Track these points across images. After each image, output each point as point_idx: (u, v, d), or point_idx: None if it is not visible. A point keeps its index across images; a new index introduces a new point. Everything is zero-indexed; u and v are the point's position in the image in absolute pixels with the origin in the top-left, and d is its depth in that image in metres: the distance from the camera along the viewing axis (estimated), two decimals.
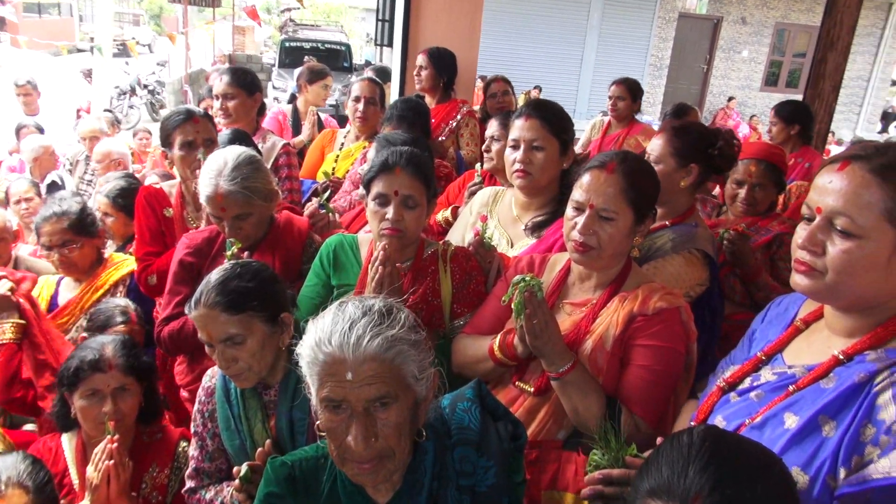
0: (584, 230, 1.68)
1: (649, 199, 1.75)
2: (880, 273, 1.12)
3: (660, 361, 1.64)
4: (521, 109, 2.20)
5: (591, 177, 1.71)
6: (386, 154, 1.94)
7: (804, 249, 1.18)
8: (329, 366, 1.11)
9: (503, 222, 2.31)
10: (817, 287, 1.18)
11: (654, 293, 1.70)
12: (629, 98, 4.48)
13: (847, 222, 1.12)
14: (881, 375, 1.11)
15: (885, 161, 1.12)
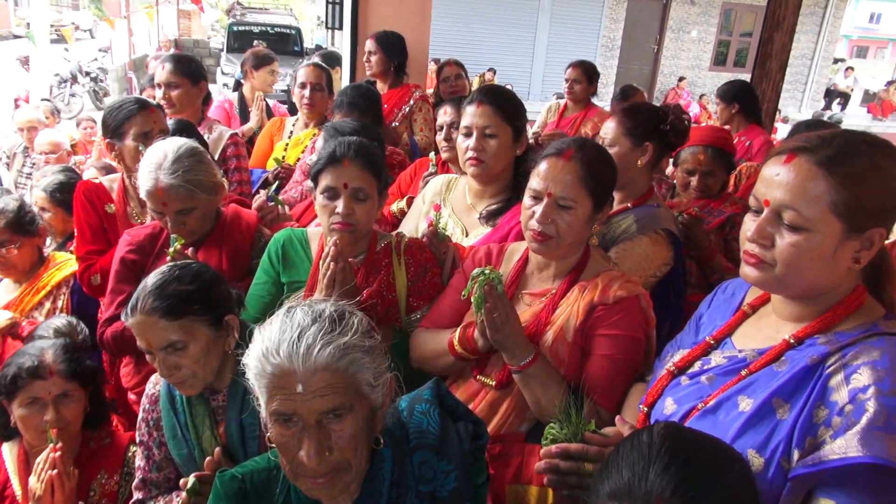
0: (543, 219, 1.64)
1: (607, 187, 1.72)
2: (827, 264, 1.13)
3: (621, 350, 1.62)
4: (473, 95, 2.14)
5: (548, 164, 1.67)
6: (333, 145, 1.87)
7: (753, 242, 1.18)
8: (278, 378, 1.04)
9: (457, 211, 2.26)
10: (767, 279, 1.19)
11: (614, 282, 1.67)
12: (585, 81, 4.45)
13: (794, 216, 1.12)
14: (833, 358, 1.12)
15: (830, 153, 1.12)
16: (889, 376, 1.05)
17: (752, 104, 4.27)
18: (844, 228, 1.12)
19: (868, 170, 1.11)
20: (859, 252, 1.14)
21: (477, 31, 15.41)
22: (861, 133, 1.18)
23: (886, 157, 1.13)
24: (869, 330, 1.14)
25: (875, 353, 1.08)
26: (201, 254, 2.13)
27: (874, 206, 1.11)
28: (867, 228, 1.12)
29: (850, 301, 1.18)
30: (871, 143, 1.14)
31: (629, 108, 2.30)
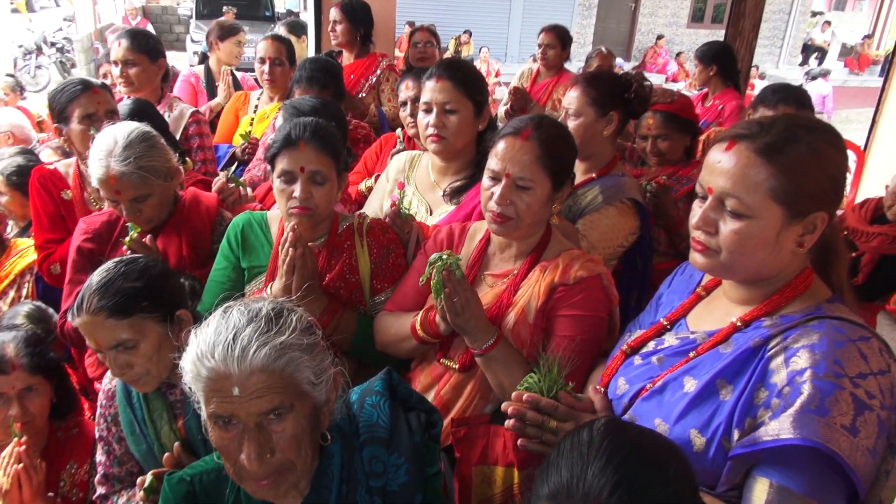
0: (501, 200, 1.61)
1: (566, 166, 1.69)
2: (770, 249, 1.15)
3: (583, 330, 1.62)
4: (431, 70, 2.09)
5: (505, 144, 1.64)
6: (288, 128, 1.81)
7: (699, 230, 1.20)
8: (213, 381, 1.02)
9: (421, 188, 2.22)
10: (713, 265, 1.21)
11: (575, 261, 1.66)
12: (559, 46, 4.37)
13: (736, 203, 1.14)
14: (774, 340, 1.14)
15: (769, 140, 1.12)
16: (825, 360, 1.06)
17: (730, 66, 4.25)
18: (786, 214, 1.13)
19: (807, 156, 1.12)
20: (803, 236, 1.16)
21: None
22: (801, 118, 1.19)
23: (826, 143, 1.14)
24: (812, 313, 1.15)
25: (814, 336, 1.10)
26: (160, 241, 2.08)
27: (814, 191, 1.13)
28: (809, 213, 1.14)
29: (796, 283, 1.20)
30: (810, 129, 1.15)
31: (592, 78, 2.28)
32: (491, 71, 12.72)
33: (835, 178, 1.14)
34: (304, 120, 1.83)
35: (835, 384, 1.04)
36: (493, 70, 12.75)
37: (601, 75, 2.31)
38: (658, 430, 1.22)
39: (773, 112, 2.74)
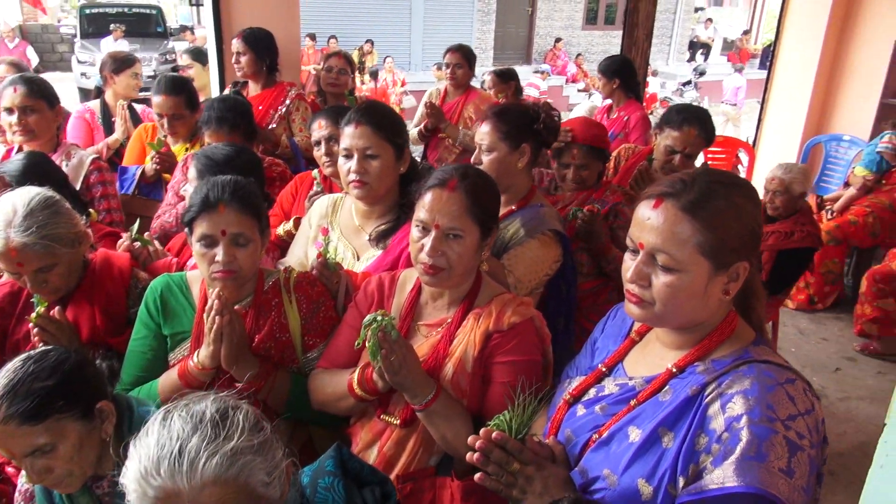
0: (433, 252, 1.62)
1: (493, 213, 1.72)
2: (700, 299, 1.22)
3: (521, 375, 1.63)
4: (350, 116, 2.06)
5: (433, 196, 1.64)
6: (206, 189, 1.74)
7: (633, 283, 1.25)
8: (162, 501, 0.96)
9: (346, 233, 2.19)
10: (648, 316, 1.27)
11: (507, 307, 1.68)
12: (466, 65, 4.43)
13: (666, 258, 1.20)
14: (710, 387, 1.20)
15: (692, 198, 1.19)
16: (758, 405, 1.12)
17: (631, 79, 4.42)
18: (712, 266, 1.20)
19: (726, 210, 1.19)
20: (728, 285, 1.23)
21: (351, 4, 15.02)
22: (718, 174, 1.27)
23: (742, 196, 1.22)
24: (740, 357, 1.22)
25: (746, 381, 1.16)
26: (70, 311, 1.95)
27: (736, 243, 1.20)
28: (732, 264, 1.21)
29: (723, 328, 1.27)
30: (727, 184, 1.22)
31: (501, 112, 2.31)
32: (397, 80, 12.73)
33: (753, 229, 1.22)
34: (221, 179, 1.76)
35: (769, 429, 1.10)
36: (398, 80, 12.75)
37: (510, 109, 2.35)
38: (607, 480, 1.25)
39: (678, 133, 2.87)
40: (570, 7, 17.94)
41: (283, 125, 3.73)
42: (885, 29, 5.49)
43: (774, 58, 6.32)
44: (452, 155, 4.45)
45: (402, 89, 12.63)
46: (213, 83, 4.24)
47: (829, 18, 5.72)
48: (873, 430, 3.59)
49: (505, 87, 4.82)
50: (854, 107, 5.82)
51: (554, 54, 16.92)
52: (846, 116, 5.91)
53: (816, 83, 5.92)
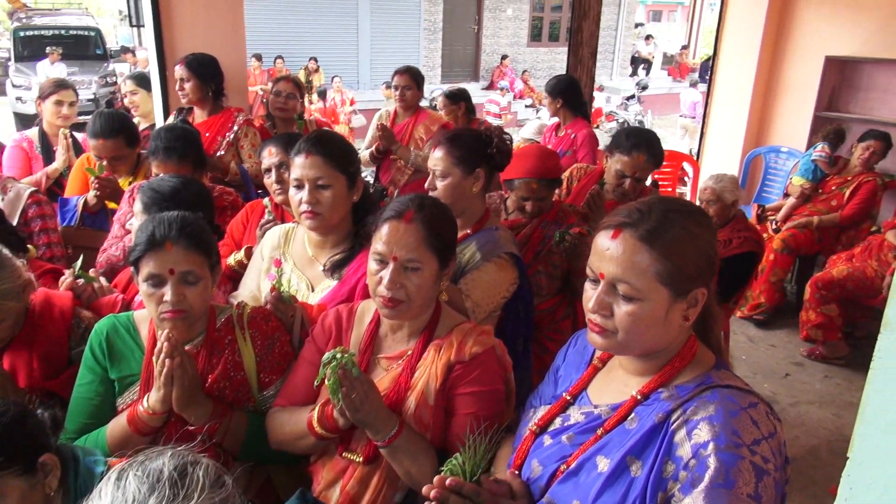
0: (392, 285, 1.60)
1: (450, 243, 1.71)
2: (661, 327, 1.24)
3: (483, 406, 1.62)
4: (300, 146, 2.02)
5: (389, 228, 1.63)
6: (152, 227, 1.67)
7: (595, 313, 1.26)
8: None
9: (299, 264, 2.14)
10: (611, 345, 1.28)
11: (468, 337, 1.67)
12: (415, 86, 4.43)
13: (627, 288, 1.21)
14: (676, 414, 1.21)
15: (650, 227, 1.21)
16: (724, 431, 1.13)
17: (575, 98, 4.50)
18: (671, 294, 1.21)
19: (683, 238, 1.21)
20: (687, 311, 1.25)
21: (297, 24, 14.95)
22: (673, 202, 1.29)
23: (697, 224, 1.24)
24: (703, 383, 1.24)
25: (710, 407, 1.18)
26: (6, 359, 1.85)
27: (692, 270, 1.22)
28: (691, 290, 1.23)
29: (684, 353, 1.29)
30: (682, 213, 1.25)
31: (454, 138, 2.32)
32: (346, 100, 12.67)
33: (709, 255, 1.24)
34: (167, 216, 1.70)
35: (736, 455, 1.10)
36: (347, 99, 12.70)
37: (463, 134, 2.36)
38: None
39: (627, 158, 2.92)
40: (515, 25, 18.23)
41: (232, 152, 3.65)
42: (816, 45, 5.74)
43: (713, 73, 6.54)
44: (405, 176, 4.44)
45: (352, 108, 12.58)
46: (157, 110, 4.12)
47: (763, 34, 5.94)
48: (823, 434, 3.70)
49: (455, 107, 4.85)
50: (790, 119, 6.05)
51: (501, 71, 17.14)
52: (783, 129, 6.14)
53: (754, 97, 6.14)
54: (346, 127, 12.02)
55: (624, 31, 19.98)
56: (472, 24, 17.68)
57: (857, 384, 4.24)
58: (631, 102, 15.38)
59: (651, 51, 21.10)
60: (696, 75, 19.69)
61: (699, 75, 19.55)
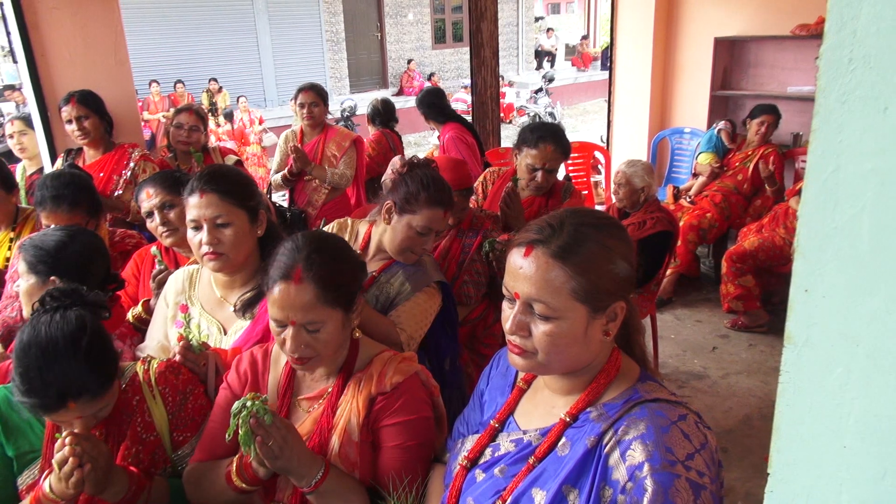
0: (296, 347, 1.52)
1: (350, 289, 1.61)
2: (581, 344, 1.21)
3: (412, 436, 1.57)
4: (193, 185, 1.91)
5: (280, 291, 1.52)
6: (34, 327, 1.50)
7: (513, 334, 1.23)
8: None
9: (208, 307, 2.03)
10: (532, 366, 1.24)
11: (388, 367, 1.61)
12: (322, 103, 4.35)
13: (543, 307, 1.18)
14: (607, 436, 1.18)
15: (562, 243, 1.18)
16: (657, 450, 1.11)
17: (435, 108, 4.77)
18: (589, 310, 1.19)
19: (597, 253, 1.18)
20: (607, 326, 1.23)
21: (194, 45, 14.48)
22: (586, 215, 1.26)
23: (611, 237, 1.21)
24: (630, 399, 1.21)
25: (641, 425, 1.15)
26: None
27: (609, 285, 1.19)
28: (609, 305, 1.21)
29: (609, 368, 1.26)
30: (596, 226, 1.22)
31: None
32: (254, 119, 12.35)
33: (626, 269, 1.22)
34: (49, 300, 1.54)
35: (671, 474, 1.09)
36: (255, 118, 12.38)
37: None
38: None
39: (536, 151, 2.96)
40: (418, 28, 18.26)
41: (131, 189, 3.46)
42: (705, 27, 5.97)
43: (612, 61, 6.71)
44: (322, 195, 4.35)
45: (261, 127, 12.28)
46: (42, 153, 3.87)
47: (654, 21, 6.14)
48: (754, 403, 3.83)
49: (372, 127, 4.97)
50: (689, 101, 6.28)
51: (408, 76, 17.15)
52: (684, 110, 6.36)
53: (653, 81, 6.33)
54: (257, 147, 11.72)
55: (525, 27, 20.35)
56: (374, 31, 17.59)
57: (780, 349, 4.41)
58: (540, 96, 15.68)
59: (553, 43, 21.58)
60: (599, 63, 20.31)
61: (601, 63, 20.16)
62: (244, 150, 11.40)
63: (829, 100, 0.52)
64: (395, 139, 5.11)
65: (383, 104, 5.19)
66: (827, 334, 0.58)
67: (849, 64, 0.50)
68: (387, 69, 17.86)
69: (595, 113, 17.39)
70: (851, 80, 0.50)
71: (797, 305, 0.60)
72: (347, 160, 4.35)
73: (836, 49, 0.51)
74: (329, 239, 1.68)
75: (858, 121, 0.51)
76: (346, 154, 4.35)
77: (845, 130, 0.51)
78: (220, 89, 13.64)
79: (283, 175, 4.31)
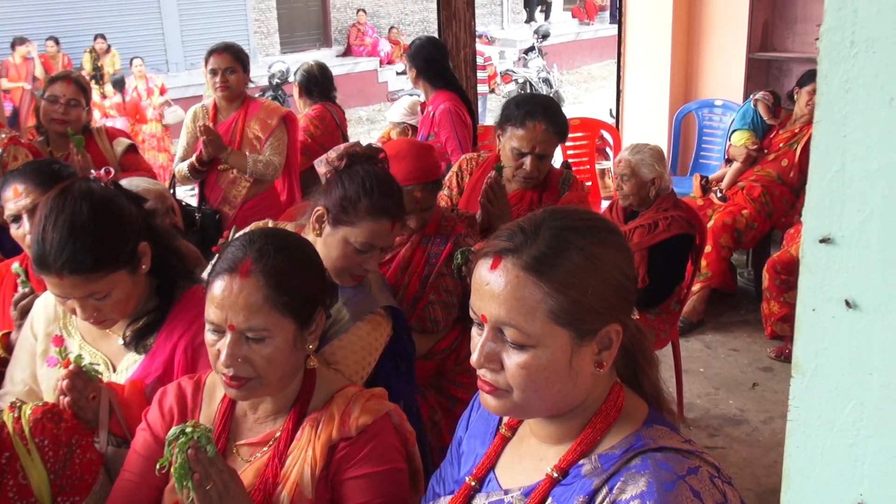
0: (231, 360, 1.56)
1: (310, 295, 1.67)
2: (567, 378, 1.23)
3: (380, 492, 1.63)
4: (43, 260, 1.86)
5: (222, 286, 1.58)
6: None
7: (482, 367, 1.25)
8: None
9: (90, 338, 2.07)
10: (507, 407, 1.27)
11: (354, 406, 1.67)
12: (240, 68, 4.35)
13: (515, 333, 1.20)
14: (601, 494, 1.20)
15: (535, 253, 1.19)
16: None
17: (434, 65, 4.68)
18: (573, 336, 1.20)
19: (583, 266, 1.20)
20: (599, 355, 1.24)
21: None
22: (568, 216, 1.28)
23: (601, 244, 1.23)
24: (631, 447, 1.24)
25: (641, 481, 1.18)
26: None
27: (598, 304, 1.21)
28: (600, 329, 1.22)
29: (607, 410, 1.29)
30: (581, 230, 1.23)
31: None
32: (152, 88, 12.30)
33: (619, 283, 1.24)
34: None
35: None
36: (155, 87, 12.33)
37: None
38: None
39: (522, 131, 3.01)
40: None
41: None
42: None
43: (622, 12, 6.84)
44: (241, 189, 4.38)
45: (162, 99, 12.22)
46: None
47: None
48: None
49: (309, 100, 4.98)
50: (720, 65, 6.43)
51: (358, 30, 17.19)
52: (714, 77, 6.52)
53: (675, 40, 6.47)
54: (157, 125, 11.68)
55: None
56: None
57: None
58: (531, 56, 15.86)
59: None
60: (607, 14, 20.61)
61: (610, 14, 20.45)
62: (139, 130, 11.35)
63: (831, 87, 0.59)
64: (339, 114, 5.17)
65: (320, 69, 5.22)
66: (838, 362, 0.65)
67: (851, 48, 0.57)
68: (329, 22, 17.88)
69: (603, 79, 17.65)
70: (854, 66, 0.57)
71: (804, 327, 0.67)
72: (275, 143, 4.38)
73: (836, 30, 0.58)
74: (290, 236, 1.75)
75: (862, 113, 0.58)
76: (272, 135, 4.38)
77: (849, 123, 0.59)
78: (108, 49, 13.55)
79: (190, 164, 4.33)
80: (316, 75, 5.17)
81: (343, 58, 17.03)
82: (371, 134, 12.46)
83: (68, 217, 1.83)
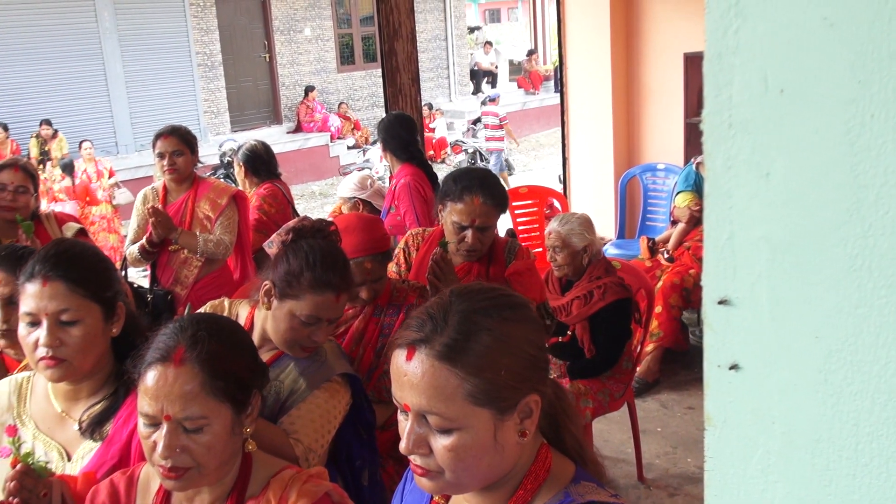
0: (169, 452, 1.57)
1: (246, 379, 1.70)
2: (493, 453, 1.27)
3: None
4: (34, 269, 1.93)
5: (156, 376, 1.59)
6: None
7: (412, 453, 1.28)
8: None
9: (44, 427, 2.05)
10: (443, 486, 1.31)
11: (291, 490, 1.67)
12: (188, 150, 4.41)
13: (438, 420, 1.24)
14: None
15: (446, 340, 1.24)
16: None
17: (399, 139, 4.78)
18: (494, 413, 1.25)
19: (491, 345, 1.25)
20: (521, 425, 1.29)
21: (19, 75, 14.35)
22: (474, 297, 1.32)
23: (510, 321, 1.29)
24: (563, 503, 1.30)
25: None
26: None
27: (513, 379, 1.26)
28: (518, 401, 1.27)
29: (536, 471, 1.33)
30: (486, 311, 1.29)
31: None
32: (102, 171, 12.27)
33: (531, 356, 1.29)
34: None
35: None
36: (104, 170, 12.31)
37: None
38: None
39: (461, 205, 3.08)
40: (318, 47, 18.64)
41: None
42: (673, 41, 6.39)
43: (563, 83, 7.07)
44: (193, 269, 4.40)
45: (112, 181, 12.20)
46: None
47: (611, 32, 6.56)
48: None
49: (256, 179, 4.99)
50: (661, 131, 6.67)
51: (307, 107, 17.40)
52: (655, 142, 6.75)
53: (615, 107, 6.71)
54: (107, 206, 11.62)
55: (456, 41, 21.06)
56: (261, 51, 17.85)
57: None
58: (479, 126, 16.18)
59: (493, 60, 22.43)
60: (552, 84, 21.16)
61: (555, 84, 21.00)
62: (90, 212, 11.29)
63: (715, 164, 0.66)
64: (287, 191, 5.22)
65: (264, 147, 5.27)
66: (744, 413, 0.71)
67: (729, 129, 0.64)
68: (279, 99, 18.08)
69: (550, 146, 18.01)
70: (733, 145, 0.65)
71: (712, 383, 0.73)
72: (225, 222, 4.42)
73: (715, 114, 0.65)
74: (221, 320, 1.79)
75: (744, 187, 0.65)
76: (222, 214, 4.42)
77: (734, 196, 0.66)
78: (56, 134, 13.54)
79: (141, 245, 4.34)
80: (261, 154, 5.20)
81: (294, 134, 17.19)
82: (324, 208, 12.58)
83: (70, 244, 2.08)
